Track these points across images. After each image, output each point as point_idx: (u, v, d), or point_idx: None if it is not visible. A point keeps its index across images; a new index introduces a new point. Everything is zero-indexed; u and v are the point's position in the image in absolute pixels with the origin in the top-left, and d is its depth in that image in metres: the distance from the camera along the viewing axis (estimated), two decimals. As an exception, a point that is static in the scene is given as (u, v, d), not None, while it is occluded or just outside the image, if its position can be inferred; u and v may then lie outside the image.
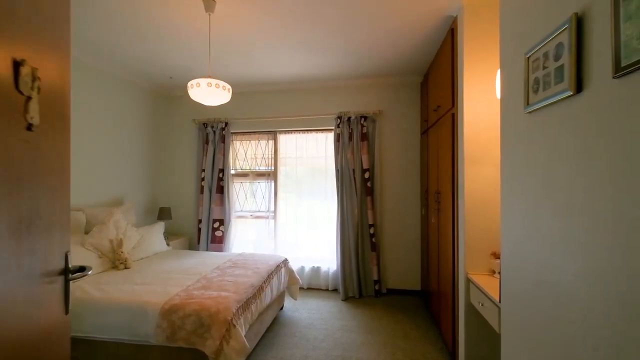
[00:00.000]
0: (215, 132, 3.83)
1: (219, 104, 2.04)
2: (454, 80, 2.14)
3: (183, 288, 2.09)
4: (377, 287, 3.41)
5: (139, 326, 1.85)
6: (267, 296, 2.43)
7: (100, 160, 3.13)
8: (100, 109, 3.11)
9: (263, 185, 3.95)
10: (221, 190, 3.82)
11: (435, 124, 2.67)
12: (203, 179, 3.83)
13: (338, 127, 3.52)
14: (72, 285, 2.20)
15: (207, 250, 3.77)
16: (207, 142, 3.85)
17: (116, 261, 2.60)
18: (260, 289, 2.30)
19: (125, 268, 2.60)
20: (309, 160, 3.82)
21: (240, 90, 3.84)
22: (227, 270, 2.50)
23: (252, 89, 3.83)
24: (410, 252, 3.50)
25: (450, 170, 2.19)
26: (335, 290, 3.61)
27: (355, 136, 3.47)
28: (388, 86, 3.55)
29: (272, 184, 3.89)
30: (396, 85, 3.54)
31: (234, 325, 1.79)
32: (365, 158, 3.43)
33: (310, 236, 3.83)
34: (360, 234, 3.45)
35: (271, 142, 3.91)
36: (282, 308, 3.11)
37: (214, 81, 1.89)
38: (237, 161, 4.00)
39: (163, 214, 3.70)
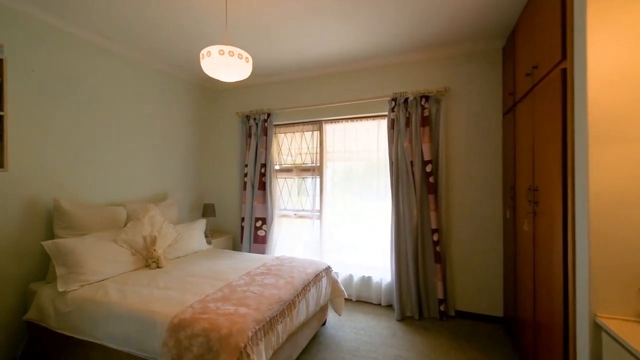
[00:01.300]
0: (257, 124, 3.58)
1: (237, 78, 1.69)
2: (565, 21, 1.43)
3: (200, 297, 1.79)
4: (442, 307, 2.74)
5: (146, 340, 1.60)
6: (301, 313, 2.01)
7: (146, 155, 3.10)
8: (145, 104, 3.08)
9: (308, 182, 3.56)
10: (263, 186, 3.55)
11: (529, 93, 1.93)
12: (246, 175, 3.61)
13: (392, 111, 2.94)
14: (96, 285, 2.11)
15: (249, 251, 3.54)
16: (249, 136, 3.63)
17: (149, 259, 2.46)
18: (290, 305, 1.89)
19: (158, 267, 2.44)
20: (358, 154, 3.30)
21: (282, 79, 3.52)
22: (257, 278, 2.15)
23: (294, 76, 3.47)
24: (489, 267, 2.73)
25: (558, 156, 1.48)
26: (389, 306, 3.04)
27: (414, 121, 2.84)
28: (456, 57, 2.83)
29: (317, 180, 3.48)
30: (467, 56, 2.80)
31: (248, 355, 1.41)
32: (426, 147, 2.78)
33: (360, 241, 3.31)
34: (421, 240, 2.81)
35: (316, 134, 3.50)
36: (324, 323, 2.66)
37: (227, 48, 1.53)
38: (280, 155, 3.69)
39: (207, 210, 3.58)
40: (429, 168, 2.78)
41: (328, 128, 3.46)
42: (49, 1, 2.09)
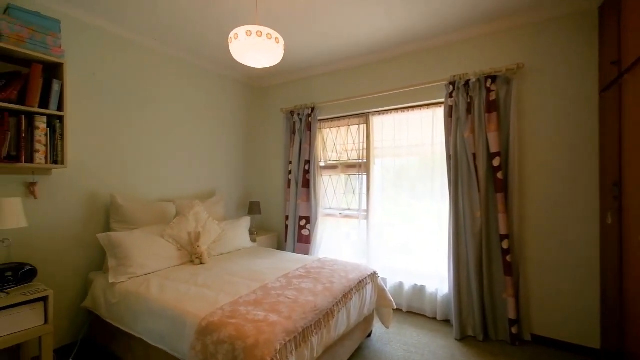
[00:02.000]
0: (301, 119, 3.45)
1: (268, 63, 1.54)
2: None
3: (233, 299, 1.70)
4: (514, 329, 2.27)
5: (178, 340, 1.54)
6: (341, 323, 1.80)
7: (196, 153, 3.19)
8: (195, 103, 3.17)
9: (354, 179, 3.33)
10: (307, 184, 3.41)
11: (645, 57, 1.43)
12: (290, 172, 3.52)
13: (450, 96, 2.55)
14: (142, 278, 2.16)
15: (293, 250, 3.44)
16: (294, 132, 3.52)
17: (193, 255, 2.49)
18: (328, 315, 1.69)
19: (201, 263, 2.45)
20: (410, 148, 2.96)
21: (325, 70, 3.34)
22: (294, 281, 1.99)
23: (338, 67, 3.26)
24: (580, 284, 2.19)
25: None
26: (446, 321, 2.65)
27: (477, 107, 2.42)
28: (533, 26, 2.33)
29: (364, 177, 3.22)
30: (548, 22, 2.28)
31: (274, 371, 1.25)
32: (493, 137, 2.33)
33: (412, 245, 2.96)
34: (486, 247, 2.38)
35: (362, 127, 3.24)
36: (369, 335, 2.41)
37: (254, 28, 1.39)
38: (325, 151, 3.52)
39: (253, 208, 3.57)
40: (496, 162, 2.33)
41: (376, 120, 3.18)
42: (105, 9, 2.22)
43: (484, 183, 2.39)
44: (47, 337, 1.76)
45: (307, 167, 3.40)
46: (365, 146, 3.21)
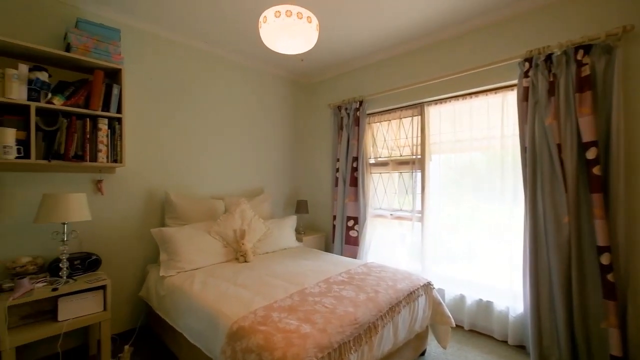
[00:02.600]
0: (349, 114, 3.27)
1: (300, 48, 1.40)
2: None
3: (267, 303, 1.60)
4: (619, 369, 1.76)
5: (211, 341, 1.50)
6: (386, 340, 1.58)
7: (245, 152, 3.24)
8: (244, 103, 3.22)
9: (406, 177, 3.02)
10: (355, 182, 3.21)
11: None
12: (337, 170, 3.36)
13: (526, 76, 2.10)
14: (188, 273, 2.20)
15: (341, 252, 3.27)
16: (341, 128, 3.35)
17: (238, 253, 2.49)
18: (370, 329, 1.48)
19: (245, 261, 2.44)
20: (473, 142, 2.55)
21: (373, 60, 3.11)
22: (334, 287, 1.83)
23: (387, 54, 2.99)
24: None
25: None
26: (520, 347, 2.20)
27: (564, 86, 1.94)
28: (648, -24, 1.78)
29: (418, 175, 2.90)
30: (673, -32, 1.72)
31: (302, 392, 1.10)
32: (587, 122, 1.84)
33: (476, 252, 2.56)
34: (577, 261, 1.89)
35: (416, 120, 2.92)
36: (423, 354, 2.12)
37: (283, 7, 1.26)
38: (374, 147, 3.27)
39: (300, 207, 3.51)
40: (591, 154, 1.84)
41: (432, 111, 2.84)
42: (158, 17, 2.35)
43: (572, 181, 1.91)
44: (105, 323, 1.89)
45: (355, 165, 3.20)
46: (419, 141, 2.89)
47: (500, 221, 2.39)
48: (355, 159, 3.19)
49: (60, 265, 1.85)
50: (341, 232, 3.31)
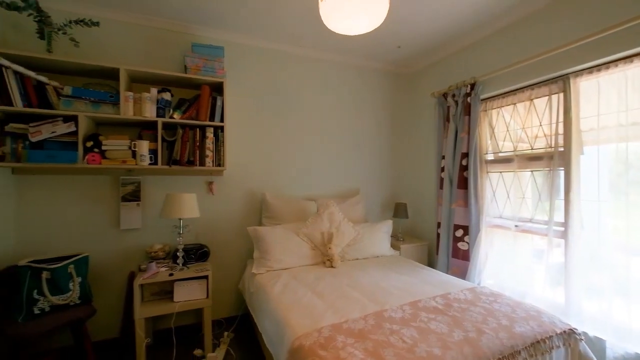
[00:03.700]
0: (457, 102, 2.72)
1: (367, 26, 1.15)
2: None
3: (338, 321, 1.42)
4: None
5: (278, 349, 1.45)
6: (491, 403, 1.15)
7: (340, 152, 3.16)
8: (339, 102, 3.14)
9: (539, 178, 2.27)
10: (465, 184, 2.64)
11: None
12: (443, 169, 2.85)
13: None
14: (276, 272, 2.25)
15: (446, 267, 2.76)
16: (447, 119, 2.83)
17: (324, 256, 2.41)
18: (463, 385, 1.10)
19: (331, 267, 2.34)
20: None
21: (486, 32, 2.47)
22: (422, 315, 1.48)
23: (505, 22, 2.31)
24: None
25: None
26: None
27: None
28: None
29: (561, 174, 2.12)
30: None
31: None
32: None
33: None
34: None
35: (557, 99, 2.14)
36: None
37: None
38: (493, 140, 2.61)
39: (398, 211, 3.16)
40: None
41: (583, 85, 2.02)
42: (255, 28, 2.52)
43: None
44: (207, 309, 2.13)
45: (464, 162, 2.63)
46: (562, 128, 2.11)
47: None
48: (465, 155, 2.62)
49: (177, 254, 2.20)
50: (447, 243, 2.79)
